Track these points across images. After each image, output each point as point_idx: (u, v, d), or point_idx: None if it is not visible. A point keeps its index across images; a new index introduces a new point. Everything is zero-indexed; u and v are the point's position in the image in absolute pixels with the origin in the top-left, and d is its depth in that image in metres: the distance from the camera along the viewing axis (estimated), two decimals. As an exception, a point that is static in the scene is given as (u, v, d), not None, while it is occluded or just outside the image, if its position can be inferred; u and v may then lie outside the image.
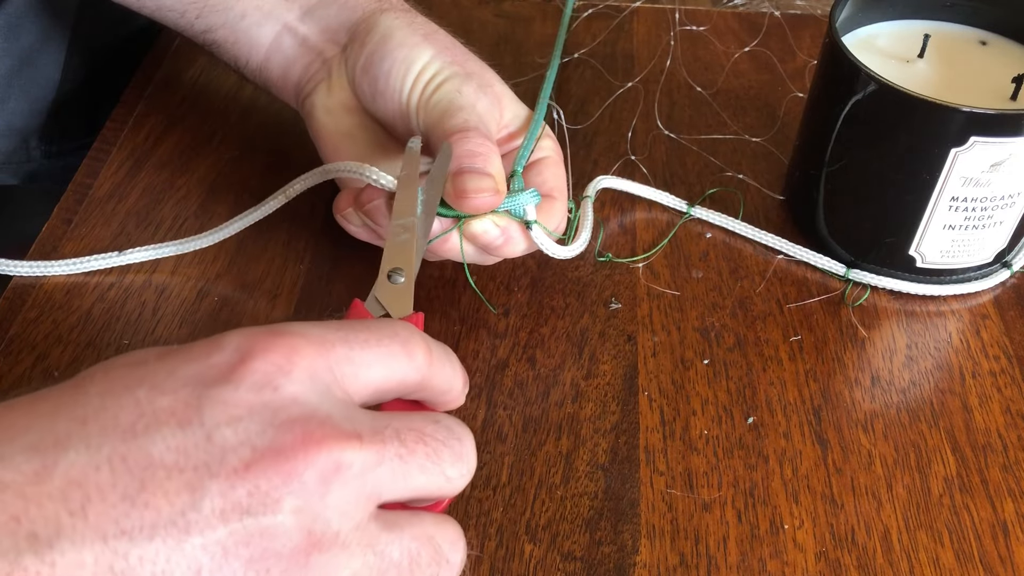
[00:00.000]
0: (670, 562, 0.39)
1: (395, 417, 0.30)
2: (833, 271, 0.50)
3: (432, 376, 0.32)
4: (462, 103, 0.44)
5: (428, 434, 0.30)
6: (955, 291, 0.49)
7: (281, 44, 0.49)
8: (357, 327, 0.31)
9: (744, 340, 0.47)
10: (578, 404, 0.44)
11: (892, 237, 0.48)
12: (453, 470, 0.30)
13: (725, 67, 0.63)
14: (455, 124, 0.43)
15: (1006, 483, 0.42)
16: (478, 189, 0.41)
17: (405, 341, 0.31)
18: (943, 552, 0.39)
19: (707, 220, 0.52)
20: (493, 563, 0.39)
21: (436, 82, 0.45)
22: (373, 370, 0.30)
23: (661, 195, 0.53)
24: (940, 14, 0.51)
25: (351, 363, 0.30)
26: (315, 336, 0.29)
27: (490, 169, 0.42)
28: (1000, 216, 0.47)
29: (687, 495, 0.41)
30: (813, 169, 0.50)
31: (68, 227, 0.51)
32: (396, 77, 0.45)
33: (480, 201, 0.41)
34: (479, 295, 0.48)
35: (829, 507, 0.41)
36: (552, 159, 0.46)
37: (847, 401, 0.45)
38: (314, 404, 0.28)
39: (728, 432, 0.43)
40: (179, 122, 0.58)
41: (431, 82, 0.45)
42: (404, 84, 0.45)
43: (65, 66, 0.62)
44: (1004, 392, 0.45)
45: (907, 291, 0.49)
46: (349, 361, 0.29)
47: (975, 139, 0.43)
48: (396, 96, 0.45)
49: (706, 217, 0.52)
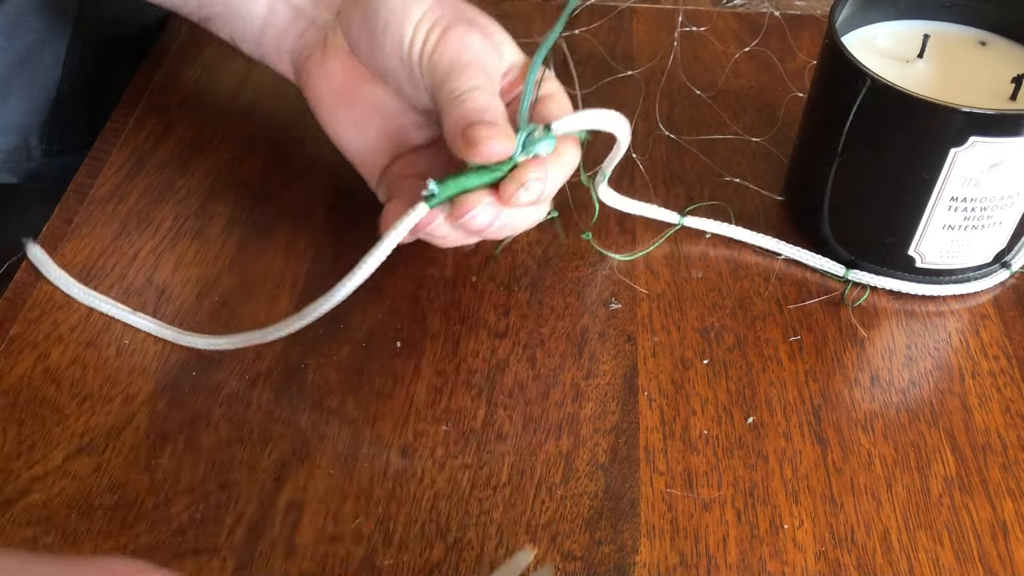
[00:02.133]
0: (670, 562, 0.39)
1: None
2: (833, 271, 0.50)
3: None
4: (467, 59, 0.43)
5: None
6: (954, 291, 0.49)
7: (275, 14, 0.49)
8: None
9: (744, 340, 0.47)
10: (578, 404, 0.44)
11: (891, 237, 0.48)
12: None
13: (725, 67, 0.63)
14: (460, 87, 0.42)
15: (1005, 483, 0.42)
16: (490, 136, 0.40)
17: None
18: (943, 552, 0.40)
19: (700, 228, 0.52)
20: (493, 562, 0.39)
21: (436, 33, 0.44)
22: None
23: (652, 209, 0.52)
24: (940, 14, 0.51)
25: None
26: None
27: (500, 122, 0.41)
28: (999, 216, 0.47)
29: (687, 495, 0.41)
30: (813, 169, 0.50)
31: (69, 227, 0.51)
32: (394, 28, 0.44)
33: (492, 146, 0.40)
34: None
35: (829, 507, 0.41)
36: (556, 96, 0.45)
37: (847, 401, 0.45)
38: None
39: (728, 432, 0.43)
40: (179, 122, 0.58)
41: (431, 32, 0.44)
42: (403, 36, 0.44)
43: (65, 65, 0.62)
44: (1003, 392, 0.45)
45: (907, 291, 0.49)
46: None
47: (974, 139, 0.43)
48: (396, 49, 0.44)
49: (699, 226, 0.52)
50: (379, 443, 0.43)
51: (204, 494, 0.40)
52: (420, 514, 0.40)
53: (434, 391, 0.45)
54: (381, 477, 0.41)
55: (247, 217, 0.52)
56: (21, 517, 0.39)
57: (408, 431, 0.43)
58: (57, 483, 0.41)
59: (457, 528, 0.40)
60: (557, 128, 0.42)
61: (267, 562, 0.38)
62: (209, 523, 0.40)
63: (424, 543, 0.39)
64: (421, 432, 0.43)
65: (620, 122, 0.44)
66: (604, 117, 0.43)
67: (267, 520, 0.40)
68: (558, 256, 0.51)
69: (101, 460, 0.41)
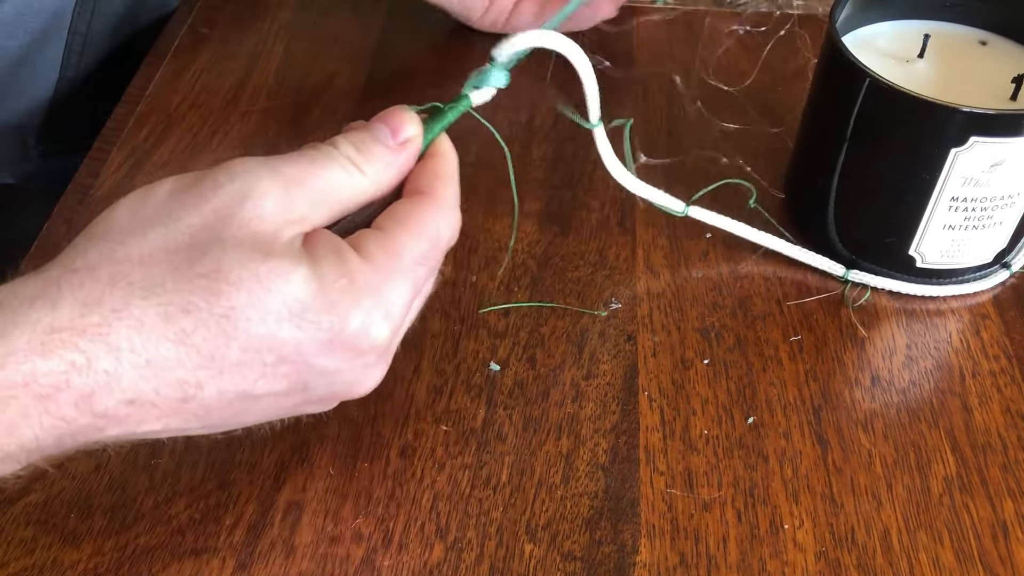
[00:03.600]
0: (670, 562, 0.39)
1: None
2: (833, 271, 0.50)
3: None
4: None
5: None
6: (955, 291, 0.49)
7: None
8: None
9: (744, 340, 0.47)
10: (578, 404, 0.44)
11: (892, 237, 0.48)
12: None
13: (725, 67, 0.63)
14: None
15: (1006, 483, 0.42)
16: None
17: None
18: (943, 552, 0.39)
19: (704, 221, 0.51)
20: (493, 563, 0.39)
21: None
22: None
23: (659, 194, 0.51)
24: (939, 14, 0.51)
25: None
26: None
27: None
28: (1000, 216, 0.47)
29: (687, 495, 0.41)
30: (813, 169, 0.50)
31: (68, 227, 0.51)
32: None
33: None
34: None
35: (829, 507, 0.41)
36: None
37: (847, 401, 0.45)
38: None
39: (728, 432, 0.43)
40: (179, 122, 0.58)
41: None
42: None
43: (63, 65, 0.62)
44: (1004, 392, 0.45)
45: (907, 291, 0.49)
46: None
47: (975, 139, 0.43)
48: None
49: (703, 218, 0.51)
50: (379, 443, 0.42)
51: (204, 494, 0.40)
52: (420, 514, 0.40)
53: (434, 391, 0.44)
54: (381, 477, 0.41)
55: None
56: (21, 517, 0.39)
57: (408, 431, 0.43)
58: (57, 483, 0.40)
59: (457, 528, 0.40)
60: (498, 54, 0.39)
61: (267, 562, 0.38)
62: (209, 523, 0.39)
63: (424, 543, 0.39)
64: (421, 432, 0.43)
65: (569, 46, 0.41)
66: (549, 39, 0.40)
67: (267, 520, 0.40)
68: (558, 256, 0.51)
69: (101, 460, 0.41)
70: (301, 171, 0.34)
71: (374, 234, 0.35)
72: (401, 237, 0.35)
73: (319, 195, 0.34)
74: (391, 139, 0.36)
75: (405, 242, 0.35)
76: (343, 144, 0.35)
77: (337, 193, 0.34)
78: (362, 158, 0.35)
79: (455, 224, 0.37)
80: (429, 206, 0.36)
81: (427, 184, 0.36)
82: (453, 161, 0.37)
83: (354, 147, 0.35)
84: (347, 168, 0.35)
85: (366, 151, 0.35)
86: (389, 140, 0.36)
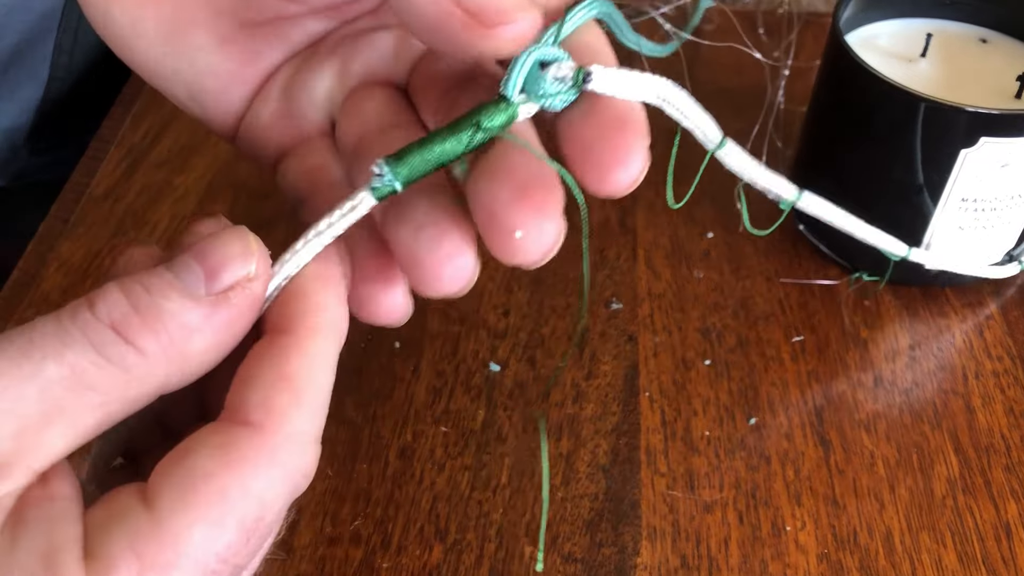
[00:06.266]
0: (671, 564, 0.39)
1: None
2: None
3: None
4: None
5: None
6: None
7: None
8: None
9: (746, 340, 0.47)
10: (578, 404, 0.44)
11: (899, 238, 0.48)
12: None
13: (727, 66, 0.63)
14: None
15: (1009, 484, 0.41)
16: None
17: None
18: (946, 554, 0.39)
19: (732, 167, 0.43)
20: (493, 564, 0.38)
21: None
22: None
23: (773, 179, 0.40)
24: (940, 12, 0.51)
25: None
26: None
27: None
28: (1009, 216, 0.46)
29: (688, 496, 0.41)
30: (817, 169, 0.50)
31: (65, 226, 0.51)
32: None
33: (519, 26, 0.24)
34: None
35: (831, 508, 0.40)
36: (599, 49, 0.29)
37: (849, 402, 0.44)
38: None
39: (730, 433, 0.43)
40: (177, 120, 0.58)
41: None
42: None
43: (53, 65, 0.61)
44: (1007, 393, 0.45)
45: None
46: None
47: (985, 139, 0.43)
48: None
49: (814, 209, 0.41)
50: (378, 444, 0.42)
51: (201, 495, 0.40)
52: (419, 516, 0.40)
53: (433, 392, 0.44)
54: (380, 479, 0.41)
55: (244, 216, 0.52)
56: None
57: (407, 432, 0.43)
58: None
59: (456, 530, 0.39)
60: (598, 79, 0.26)
61: (265, 563, 0.38)
62: (206, 525, 0.39)
63: (423, 545, 0.39)
64: (420, 433, 0.43)
65: (682, 98, 0.30)
66: (662, 87, 0.29)
67: (265, 522, 0.39)
68: (558, 256, 0.50)
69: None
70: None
71: (131, 502, 0.22)
72: (186, 516, 0.21)
73: (35, 413, 0.21)
74: (203, 287, 0.23)
75: (193, 526, 0.21)
76: (107, 304, 0.22)
77: (77, 399, 0.21)
78: (140, 327, 0.22)
79: (305, 469, 0.23)
80: (259, 442, 0.22)
81: (273, 373, 0.23)
82: (334, 315, 0.25)
83: (129, 308, 0.22)
84: (105, 351, 0.22)
85: (149, 314, 0.22)
86: (200, 289, 0.23)
